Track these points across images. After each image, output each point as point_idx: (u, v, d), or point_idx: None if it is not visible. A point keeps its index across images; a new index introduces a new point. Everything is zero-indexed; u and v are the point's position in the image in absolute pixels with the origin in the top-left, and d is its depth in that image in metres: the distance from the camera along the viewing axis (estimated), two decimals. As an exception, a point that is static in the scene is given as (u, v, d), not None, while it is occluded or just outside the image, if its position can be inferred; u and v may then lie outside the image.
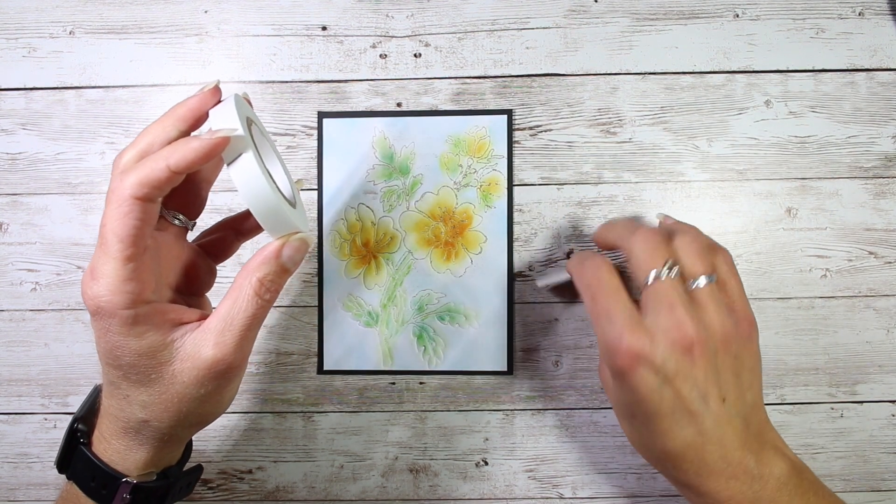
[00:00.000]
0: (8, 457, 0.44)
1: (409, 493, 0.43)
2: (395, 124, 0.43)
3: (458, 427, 0.43)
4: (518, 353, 0.43)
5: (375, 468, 0.44)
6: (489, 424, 0.43)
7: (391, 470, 0.44)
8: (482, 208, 0.43)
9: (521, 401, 0.43)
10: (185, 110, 0.27)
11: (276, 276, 0.27)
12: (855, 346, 0.43)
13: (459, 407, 0.43)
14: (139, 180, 0.24)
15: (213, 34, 0.44)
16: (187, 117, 0.27)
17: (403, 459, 0.44)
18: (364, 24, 0.44)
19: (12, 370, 0.44)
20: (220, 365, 0.26)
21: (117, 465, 0.28)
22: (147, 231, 0.25)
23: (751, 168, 0.43)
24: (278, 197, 0.26)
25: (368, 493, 0.44)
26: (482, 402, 0.43)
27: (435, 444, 0.43)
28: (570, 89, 0.43)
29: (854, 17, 0.43)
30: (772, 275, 0.43)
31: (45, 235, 0.44)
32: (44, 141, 0.44)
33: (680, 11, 0.43)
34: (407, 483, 0.44)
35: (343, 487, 0.44)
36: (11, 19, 0.44)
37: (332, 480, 0.44)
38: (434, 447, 0.43)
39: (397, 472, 0.44)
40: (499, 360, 0.43)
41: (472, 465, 0.43)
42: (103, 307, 0.25)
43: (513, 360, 0.43)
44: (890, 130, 0.43)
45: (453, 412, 0.43)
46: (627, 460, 0.43)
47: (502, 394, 0.43)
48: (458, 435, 0.43)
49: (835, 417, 0.43)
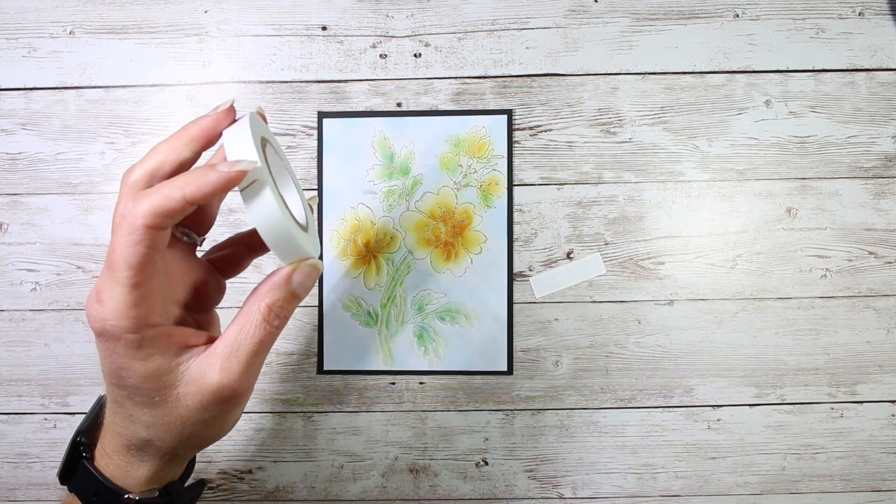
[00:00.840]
0: (8, 457, 0.44)
1: (409, 493, 0.43)
2: (396, 124, 0.43)
3: (458, 427, 0.43)
4: (518, 353, 0.43)
5: (375, 468, 0.44)
6: (489, 424, 0.43)
7: (391, 470, 0.44)
8: (482, 208, 0.43)
9: (521, 401, 0.43)
10: (198, 130, 0.26)
11: (286, 303, 0.27)
12: (855, 346, 0.43)
13: (459, 407, 0.43)
14: (153, 209, 0.24)
15: (213, 34, 0.44)
16: (200, 137, 0.26)
17: (403, 459, 0.44)
18: (364, 24, 0.44)
19: (12, 370, 0.44)
20: (225, 391, 0.26)
21: (119, 480, 0.28)
22: (157, 257, 0.25)
23: (751, 168, 0.43)
24: (290, 223, 0.26)
25: (368, 493, 0.44)
26: (482, 402, 0.43)
27: (435, 444, 0.43)
28: (570, 89, 0.43)
29: (854, 18, 0.43)
30: (772, 275, 0.43)
31: (45, 235, 0.44)
32: (44, 141, 0.44)
33: (680, 11, 0.43)
34: (407, 483, 0.44)
35: (343, 487, 0.44)
36: (11, 19, 0.44)
37: (332, 480, 0.44)
38: (434, 447, 0.43)
39: (397, 472, 0.44)
40: (499, 360, 0.43)
41: (472, 465, 0.43)
42: (108, 330, 0.24)
43: (513, 360, 0.43)
44: (890, 130, 0.43)
45: (453, 412, 0.43)
46: (627, 460, 0.43)
47: (502, 394, 0.43)
48: (458, 435, 0.43)
49: (835, 417, 0.43)
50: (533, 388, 0.43)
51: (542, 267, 0.43)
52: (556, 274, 0.41)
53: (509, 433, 0.43)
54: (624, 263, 0.43)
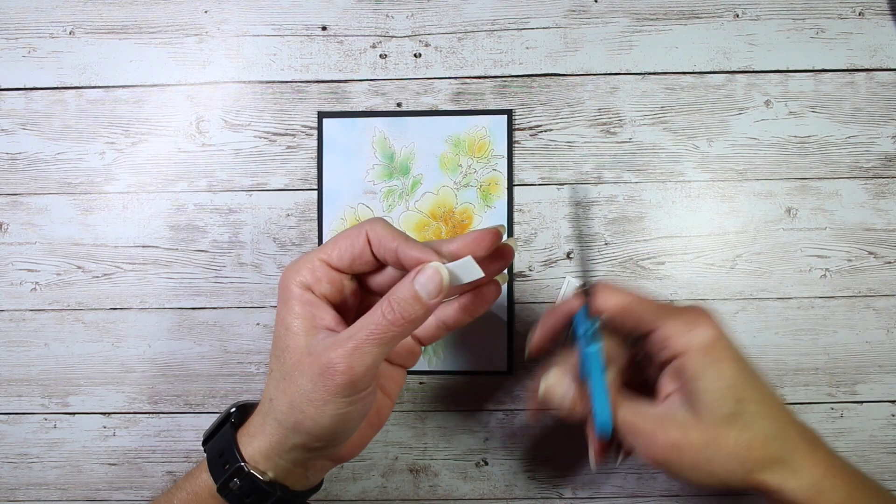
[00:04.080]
0: (8, 457, 0.44)
1: (409, 493, 0.43)
2: (395, 124, 0.43)
3: (458, 427, 0.43)
4: (518, 353, 0.43)
5: (375, 468, 0.44)
6: (489, 424, 0.43)
7: (391, 470, 0.44)
8: (482, 208, 0.43)
9: (521, 401, 0.43)
10: None
11: (406, 303, 0.27)
12: (855, 346, 0.43)
13: (459, 407, 0.43)
14: None
15: (213, 34, 0.44)
16: None
17: (403, 459, 0.44)
18: (364, 24, 0.44)
19: (12, 370, 0.44)
20: (330, 370, 0.27)
21: (241, 448, 0.29)
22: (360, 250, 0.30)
23: (751, 168, 0.43)
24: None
25: (368, 493, 0.44)
26: (482, 402, 0.43)
27: (435, 444, 0.43)
28: (571, 89, 0.43)
29: (854, 17, 0.43)
30: (772, 275, 0.43)
31: (45, 235, 0.44)
32: (44, 141, 0.44)
33: (680, 11, 0.43)
34: (407, 483, 0.44)
35: (343, 487, 0.44)
36: (11, 19, 0.44)
37: (332, 480, 0.44)
38: (434, 447, 0.43)
39: (397, 472, 0.44)
40: (499, 360, 0.43)
41: (472, 465, 0.43)
42: (282, 282, 0.29)
43: (513, 360, 0.43)
44: (889, 130, 0.43)
45: (453, 412, 0.43)
46: (627, 460, 0.43)
47: (502, 394, 0.43)
48: (458, 435, 0.43)
49: (835, 417, 0.43)
50: (533, 388, 0.43)
51: (542, 268, 0.43)
52: None
53: (509, 433, 0.43)
54: (624, 263, 0.43)
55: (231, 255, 0.43)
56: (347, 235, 0.30)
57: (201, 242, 0.44)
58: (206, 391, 0.44)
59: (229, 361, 0.44)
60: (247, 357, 0.43)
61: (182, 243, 0.44)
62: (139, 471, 0.44)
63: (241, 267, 0.43)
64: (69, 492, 0.44)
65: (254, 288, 0.43)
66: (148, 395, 0.44)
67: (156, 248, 0.44)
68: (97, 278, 0.44)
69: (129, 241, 0.44)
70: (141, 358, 0.44)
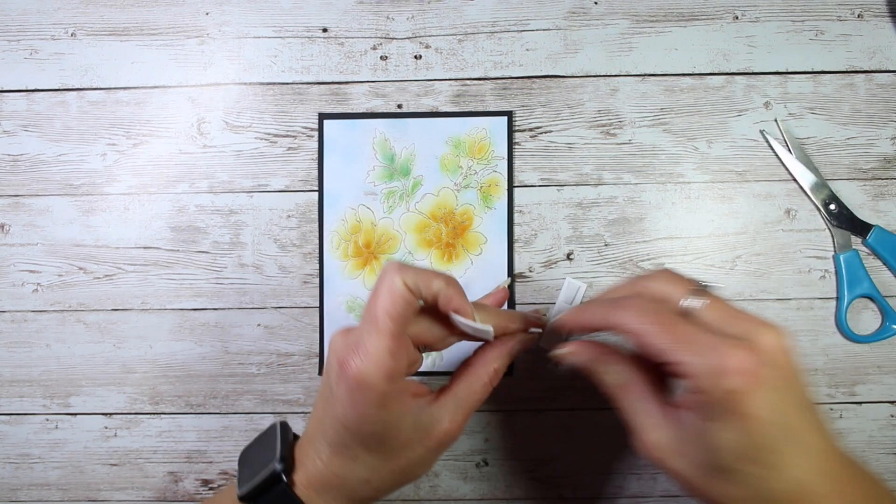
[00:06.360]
0: (10, 457, 0.44)
1: (409, 493, 0.44)
2: (396, 126, 0.44)
3: (459, 427, 0.44)
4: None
5: (376, 469, 0.44)
6: (489, 424, 0.44)
7: (392, 470, 0.44)
8: (482, 209, 0.43)
9: (521, 401, 0.43)
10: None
11: (504, 367, 0.32)
12: (852, 347, 0.43)
13: (460, 407, 0.43)
14: (415, 278, 0.28)
15: (214, 36, 0.44)
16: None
17: (404, 460, 0.44)
18: (365, 25, 0.44)
19: (14, 371, 0.44)
20: (447, 438, 0.30)
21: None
22: (409, 315, 0.28)
23: (750, 169, 0.43)
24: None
25: (369, 493, 0.44)
26: (482, 403, 0.43)
27: (435, 444, 0.44)
28: (570, 91, 0.44)
29: (853, 19, 0.43)
30: (771, 276, 0.43)
31: (47, 237, 0.44)
32: (45, 142, 0.44)
33: (679, 13, 0.44)
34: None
35: (344, 488, 0.44)
36: (13, 21, 0.44)
37: (333, 481, 0.44)
38: (434, 448, 0.44)
39: (398, 473, 0.44)
40: (499, 361, 0.43)
41: (472, 465, 0.44)
42: (367, 380, 0.27)
43: (513, 361, 0.43)
44: (888, 132, 0.43)
45: (454, 413, 0.43)
46: (628, 461, 0.43)
47: (502, 394, 0.43)
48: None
49: (834, 418, 0.43)
50: (533, 389, 0.43)
51: (541, 269, 0.43)
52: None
53: (509, 433, 0.43)
54: (624, 264, 0.43)
55: (232, 257, 0.44)
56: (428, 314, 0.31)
57: (202, 243, 0.44)
58: (207, 392, 0.44)
59: (230, 362, 0.44)
60: (248, 358, 0.44)
61: (183, 244, 0.44)
62: (140, 471, 0.44)
63: (242, 268, 0.44)
64: (71, 492, 0.44)
65: (255, 289, 0.43)
66: (149, 396, 0.44)
67: (157, 250, 0.44)
68: (98, 279, 0.44)
69: (131, 243, 0.44)
70: (142, 359, 0.44)
